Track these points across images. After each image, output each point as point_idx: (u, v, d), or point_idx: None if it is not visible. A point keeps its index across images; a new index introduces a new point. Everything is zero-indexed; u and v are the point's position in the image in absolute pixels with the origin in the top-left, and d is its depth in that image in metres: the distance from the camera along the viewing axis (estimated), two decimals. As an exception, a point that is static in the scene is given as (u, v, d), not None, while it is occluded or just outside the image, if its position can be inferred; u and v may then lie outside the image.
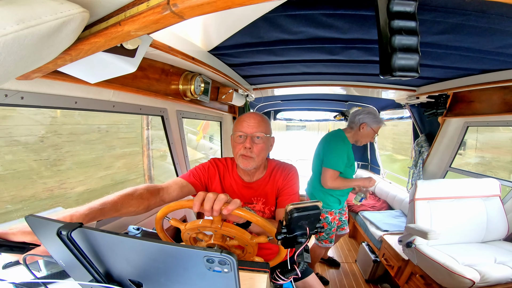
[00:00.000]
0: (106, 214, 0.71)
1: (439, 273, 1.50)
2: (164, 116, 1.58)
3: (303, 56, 1.41)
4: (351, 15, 0.91)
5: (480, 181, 1.84)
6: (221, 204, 0.65)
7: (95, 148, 2.79)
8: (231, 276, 0.41)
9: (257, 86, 2.26)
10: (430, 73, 1.67)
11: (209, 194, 0.66)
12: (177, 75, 1.36)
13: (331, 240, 2.06)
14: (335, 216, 1.98)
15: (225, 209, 0.65)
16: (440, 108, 2.07)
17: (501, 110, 1.68)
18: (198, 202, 0.66)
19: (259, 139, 1.04)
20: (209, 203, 0.65)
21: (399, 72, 0.38)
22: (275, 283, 0.77)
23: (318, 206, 0.63)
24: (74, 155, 2.48)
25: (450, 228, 1.74)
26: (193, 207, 0.66)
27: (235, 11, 0.80)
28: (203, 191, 0.69)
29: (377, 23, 0.40)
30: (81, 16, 0.40)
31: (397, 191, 2.93)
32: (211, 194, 0.66)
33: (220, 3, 0.35)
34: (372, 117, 1.76)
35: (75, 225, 0.44)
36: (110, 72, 0.70)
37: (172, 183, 1.01)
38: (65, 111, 2.05)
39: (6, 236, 0.56)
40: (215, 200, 0.65)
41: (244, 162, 1.04)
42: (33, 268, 0.61)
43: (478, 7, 0.79)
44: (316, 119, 4.94)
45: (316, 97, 3.04)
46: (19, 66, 0.41)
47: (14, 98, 0.75)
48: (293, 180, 1.13)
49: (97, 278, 0.51)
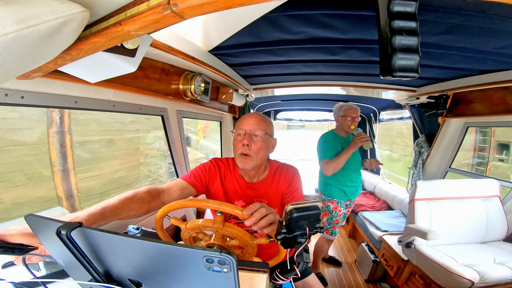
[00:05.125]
0: (107, 218, 0.71)
1: (439, 273, 1.50)
2: (164, 115, 1.58)
3: (303, 56, 1.41)
4: (351, 15, 0.91)
5: (480, 182, 1.84)
6: (267, 223, 0.70)
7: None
8: (231, 276, 0.41)
9: (257, 86, 2.26)
10: (430, 73, 1.67)
11: (262, 209, 0.71)
12: (177, 75, 1.36)
13: (332, 232, 2.11)
14: (337, 206, 2.03)
15: (268, 228, 0.70)
16: (440, 108, 2.07)
17: (501, 111, 1.68)
18: (251, 211, 0.70)
19: (257, 137, 1.04)
20: (259, 215, 0.69)
21: (399, 73, 0.38)
22: (275, 283, 0.77)
23: (318, 206, 0.63)
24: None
25: (450, 229, 1.74)
26: (243, 212, 0.70)
27: (235, 11, 0.80)
28: (259, 202, 0.74)
29: (378, 23, 0.40)
30: (82, 15, 0.40)
31: (397, 192, 2.93)
32: (264, 209, 0.71)
33: (220, 3, 0.35)
34: (337, 110, 2.07)
35: (74, 225, 0.44)
36: (110, 72, 0.70)
37: (173, 185, 1.00)
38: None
39: (4, 238, 0.56)
40: (265, 216, 0.70)
41: (242, 161, 1.03)
42: (32, 268, 0.61)
43: (478, 7, 0.80)
44: (316, 119, 4.93)
45: (316, 97, 3.04)
46: (20, 66, 0.41)
47: (14, 97, 0.75)
48: (297, 184, 1.13)
49: (97, 277, 0.51)
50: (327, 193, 2.08)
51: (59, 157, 2.05)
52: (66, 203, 2.01)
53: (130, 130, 2.65)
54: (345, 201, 2.06)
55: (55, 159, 2.02)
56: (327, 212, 2.08)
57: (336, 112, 2.10)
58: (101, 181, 2.32)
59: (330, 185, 2.05)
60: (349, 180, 2.02)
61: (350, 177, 2.02)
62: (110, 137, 2.22)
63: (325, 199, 2.10)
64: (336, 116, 2.09)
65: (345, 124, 1.99)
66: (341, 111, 2.04)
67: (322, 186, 2.15)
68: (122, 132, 2.52)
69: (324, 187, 2.11)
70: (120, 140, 2.50)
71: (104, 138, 2.36)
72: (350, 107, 2.00)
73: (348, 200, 2.07)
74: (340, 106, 2.08)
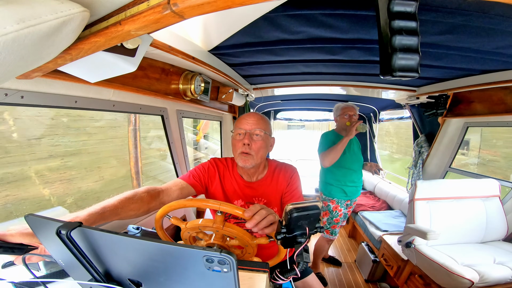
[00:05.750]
0: (107, 218, 0.71)
1: (438, 273, 1.50)
2: (164, 115, 1.58)
3: (303, 56, 1.41)
4: (351, 15, 0.91)
5: (480, 182, 1.84)
6: (267, 224, 0.70)
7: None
8: (231, 276, 0.41)
9: (257, 86, 2.26)
10: (430, 73, 1.67)
11: (263, 211, 0.71)
12: (177, 74, 1.36)
13: (332, 232, 2.11)
14: (337, 206, 2.04)
15: (269, 228, 0.70)
16: (440, 108, 2.07)
17: (501, 111, 1.68)
18: (252, 212, 0.70)
19: (257, 136, 1.04)
20: (259, 217, 0.69)
21: (399, 72, 0.38)
22: (275, 283, 0.77)
23: (317, 206, 0.63)
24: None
25: (450, 228, 1.74)
26: (244, 213, 0.70)
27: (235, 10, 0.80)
28: (259, 204, 0.74)
29: (378, 23, 0.40)
30: (82, 15, 0.40)
31: (397, 191, 2.93)
32: (264, 211, 0.71)
33: (220, 3, 0.35)
34: (336, 110, 2.14)
35: (74, 225, 0.44)
36: (110, 72, 0.70)
37: (172, 185, 1.00)
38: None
39: (4, 238, 0.56)
40: (265, 218, 0.70)
41: (243, 160, 1.03)
42: (32, 268, 0.61)
43: (478, 7, 0.79)
44: (316, 119, 4.93)
45: (316, 97, 3.04)
46: (19, 66, 0.41)
47: (14, 97, 0.75)
48: (296, 183, 1.14)
49: (97, 277, 0.51)
50: (328, 193, 2.08)
51: (133, 147, 2.91)
52: (135, 182, 2.86)
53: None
54: (346, 201, 2.06)
55: (131, 148, 2.86)
56: (327, 211, 2.09)
57: (335, 112, 2.15)
58: (155, 166, 3.25)
59: (330, 184, 2.06)
60: (350, 180, 2.02)
61: (351, 177, 2.03)
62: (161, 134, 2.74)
63: (326, 199, 2.10)
64: (335, 116, 2.14)
65: (343, 122, 2.02)
66: (339, 111, 2.08)
67: (322, 185, 2.15)
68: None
69: (324, 187, 2.12)
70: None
71: (157, 134, 3.34)
72: (347, 106, 2.05)
73: (348, 200, 2.07)
74: (338, 106, 2.13)
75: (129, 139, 2.85)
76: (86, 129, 1.97)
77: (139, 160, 2.96)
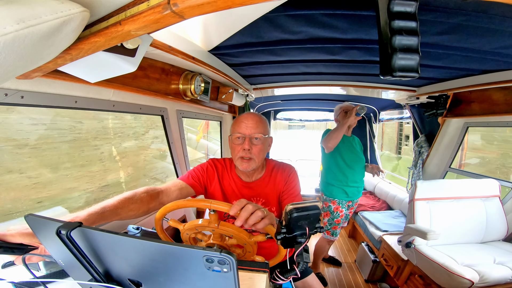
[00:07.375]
0: (106, 218, 0.71)
1: (438, 273, 1.50)
2: (164, 115, 1.58)
3: (303, 56, 1.41)
4: (351, 15, 0.91)
5: (480, 182, 1.84)
6: (256, 220, 0.67)
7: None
8: (231, 276, 0.41)
9: (257, 86, 2.26)
10: (430, 73, 1.67)
11: (249, 206, 0.68)
12: (177, 74, 1.36)
13: (333, 232, 2.10)
14: (338, 206, 2.03)
15: (260, 224, 0.68)
16: (440, 108, 2.07)
17: (501, 111, 1.68)
18: (238, 208, 0.68)
19: (257, 140, 1.04)
20: (246, 213, 0.67)
21: (399, 73, 0.38)
22: (275, 283, 0.77)
23: (317, 206, 0.63)
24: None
25: (450, 229, 1.74)
26: (230, 210, 0.68)
27: (235, 10, 0.80)
28: (245, 199, 0.71)
29: (378, 23, 0.40)
30: (82, 15, 0.40)
31: (397, 191, 2.93)
32: (251, 206, 0.68)
33: (220, 3, 0.35)
34: (336, 111, 2.18)
35: (74, 225, 0.44)
36: (110, 72, 0.70)
37: (171, 185, 1.01)
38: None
39: (4, 238, 0.56)
40: (252, 213, 0.67)
41: (243, 164, 1.04)
42: (32, 268, 0.61)
43: (478, 7, 0.79)
44: (316, 119, 4.93)
45: (316, 97, 3.04)
46: (19, 66, 0.41)
47: (14, 97, 0.75)
48: (294, 181, 1.13)
49: (97, 277, 0.51)
50: (329, 193, 2.08)
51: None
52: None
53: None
54: (347, 201, 2.05)
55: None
56: (328, 212, 2.08)
57: (335, 113, 2.18)
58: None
59: (332, 185, 2.05)
60: (352, 180, 2.01)
61: (353, 177, 2.02)
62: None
63: (326, 199, 2.09)
64: (336, 116, 2.16)
65: (342, 119, 2.04)
66: (339, 110, 2.13)
67: (323, 186, 2.15)
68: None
69: (325, 187, 2.11)
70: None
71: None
72: (346, 105, 2.10)
73: (350, 201, 2.06)
74: (339, 106, 2.15)
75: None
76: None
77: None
